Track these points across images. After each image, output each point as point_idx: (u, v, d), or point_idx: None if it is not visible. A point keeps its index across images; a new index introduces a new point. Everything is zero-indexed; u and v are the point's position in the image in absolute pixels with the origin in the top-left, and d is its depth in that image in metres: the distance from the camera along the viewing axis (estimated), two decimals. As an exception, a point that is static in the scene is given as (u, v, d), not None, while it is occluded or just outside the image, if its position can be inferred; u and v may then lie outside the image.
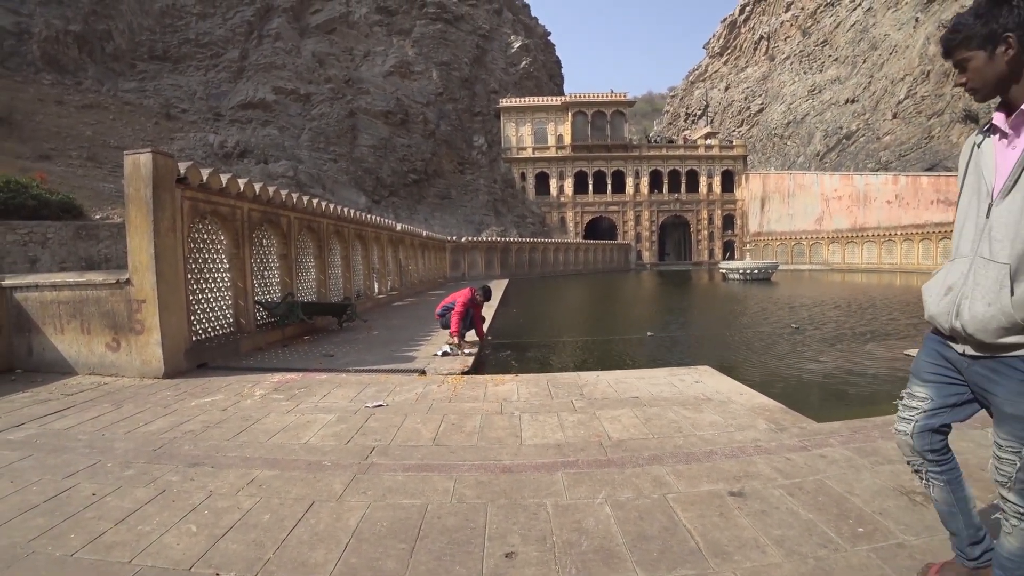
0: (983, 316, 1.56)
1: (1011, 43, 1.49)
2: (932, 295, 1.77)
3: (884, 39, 57.03)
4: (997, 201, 1.57)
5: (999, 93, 1.59)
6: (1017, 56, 1.50)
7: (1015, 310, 1.50)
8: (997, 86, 1.57)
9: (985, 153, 1.66)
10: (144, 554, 2.26)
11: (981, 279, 1.58)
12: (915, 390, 1.83)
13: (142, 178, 5.77)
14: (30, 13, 37.44)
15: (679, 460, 3.21)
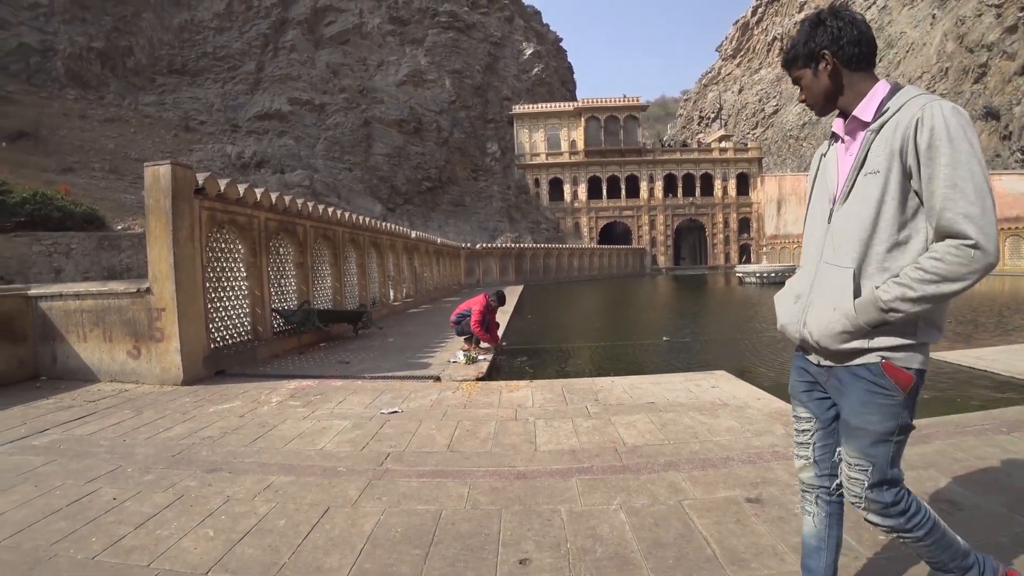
0: (828, 321, 1.55)
1: (827, 59, 1.59)
2: (782, 305, 1.76)
3: (900, 37, 56.33)
4: (837, 206, 1.59)
5: (832, 105, 1.66)
6: (836, 70, 1.59)
7: (857, 313, 1.48)
8: (827, 99, 1.64)
9: (829, 161, 1.70)
10: (163, 558, 2.30)
11: (826, 285, 1.58)
12: (798, 411, 1.78)
13: (162, 189, 5.88)
14: (55, 31, 38.51)
15: (695, 466, 3.17)
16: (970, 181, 1.37)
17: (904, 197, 1.47)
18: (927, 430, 3.66)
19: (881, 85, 1.58)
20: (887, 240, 1.48)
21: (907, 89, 1.54)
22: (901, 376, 1.47)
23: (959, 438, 3.47)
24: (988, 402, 5.03)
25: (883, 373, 1.49)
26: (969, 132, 1.41)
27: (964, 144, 1.39)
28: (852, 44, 1.58)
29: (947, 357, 7.18)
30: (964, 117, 1.42)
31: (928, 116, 1.42)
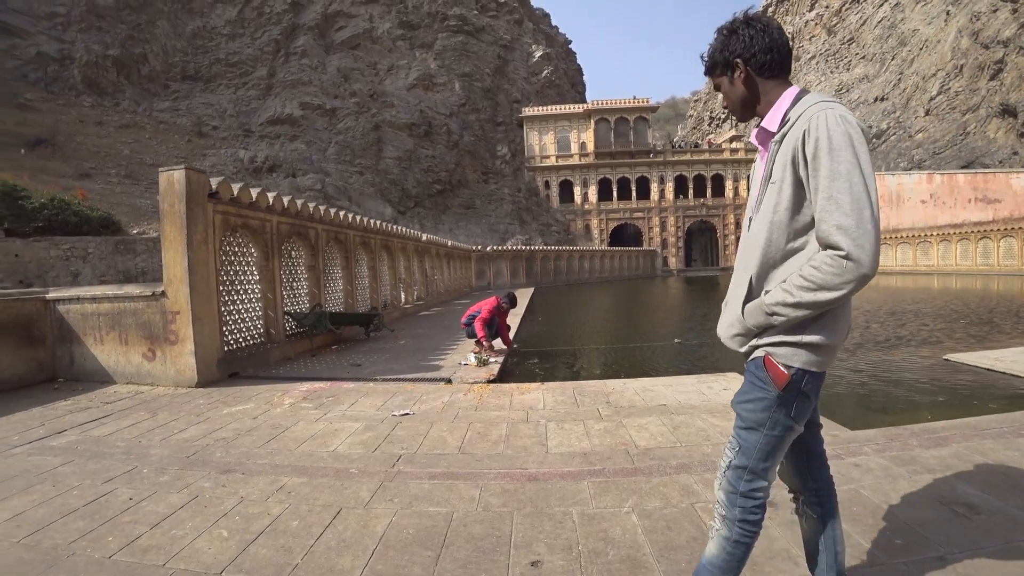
0: (727, 323, 1.65)
1: (740, 67, 1.62)
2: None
3: (913, 34, 55.64)
4: (752, 215, 1.63)
5: (750, 112, 1.69)
6: (749, 77, 1.62)
7: (745, 316, 1.56)
8: (745, 107, 1.68)
9: (754, 170, 1.74)
10: (177, 558, 2.32)
11: (736, 288, 1.64)
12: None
13: (176, 194, 5.96)
14: (72, 40, 39.18)
15: (708, 469, 3.15)
16: (847, 192, 1.37)
17: (798, 206, 1.49)
18: (944, 432, 3.61)
19: (788, 93, 1.60)
20: (782, 248, 1.52)
21: (808, 96, 1.54)
22: (778, 374, 1.51)
23: (976, 441, 3.43)
24: (1007, 405, 4.94)
25: (762, 367, 1.55)
26: (856, 141, 1.41)
27: (845, 154, 1.39)
28: (764, 52, 1.60)
29: (965, 359, 7.07)
30: (850, 125, 1.42)
31: (814, 126, 1.43)
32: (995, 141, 41.77)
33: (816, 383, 1.54)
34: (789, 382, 1.50)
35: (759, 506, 1.60)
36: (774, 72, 1.62)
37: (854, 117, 1.45)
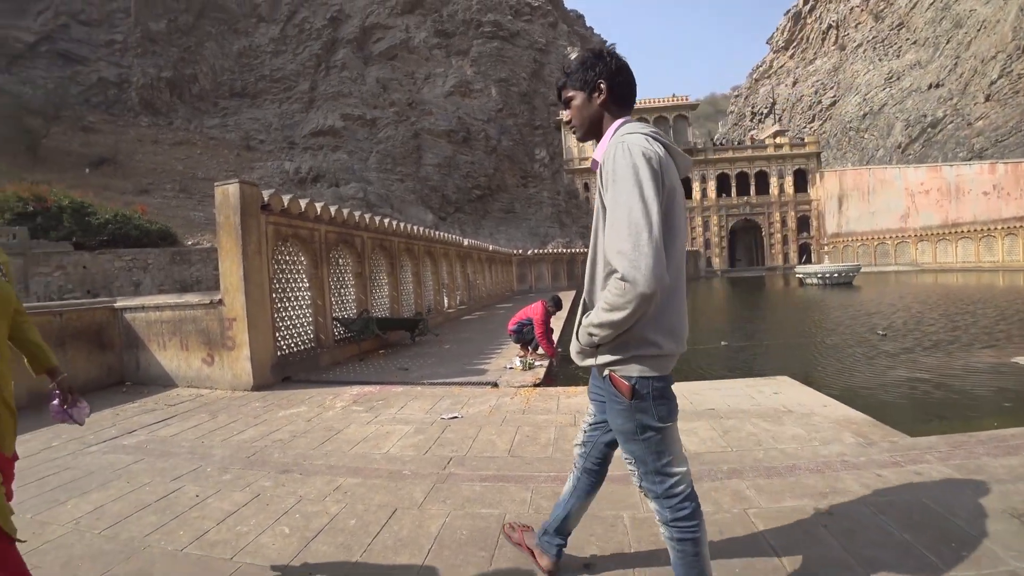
0: (572, 342, 1.78)
1: (602, 89, 1.74)
2: None
3: (970, 15, 52.78)
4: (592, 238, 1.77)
5: (592, 134, 1.81)
6: (605, 101, 1.75)
7: (578, 336, 1.72)
8: (591, 126, 1.80)
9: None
10: (243, 552, 2.44)
11: (578, 309, 1.81)
12: (589, 407, 2.05)
13: (231, 206, 6.25)
14: (129, 65, 41.53)
15: (759, 474, 3.08)
16: (625, 219, 1.48)
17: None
18: (1015, 441, 3.40)
19: (615, 124, 1.74)
20: (602, 271, 1.65)
21: (622, 128, 1.69)
22: (621, 385, 1.65)
23: None
24: None
25: (611, 383, 1.68)
26: (640, 171, 1.51)
27: (627, 184, 1.51)
28: (623, 85, 1.77)
29: None
30: (635, 155, 1.53)
31: (608, 158, 1.57)
32: (1065, 126, 39.18)
33: (662, 384, 1.66)
34: (633, 391, 1.63)
35: (683, 501, 1.69)
36: (623, 104, 1.79)
37: (651, 147, 1.58)
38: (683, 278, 1.69)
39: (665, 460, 1.68)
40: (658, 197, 1.51)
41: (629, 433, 1.69)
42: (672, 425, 1.70)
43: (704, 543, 1.72)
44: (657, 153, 1.57)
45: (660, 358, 1.63)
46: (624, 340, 1.62)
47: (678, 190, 1.65)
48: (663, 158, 1.59)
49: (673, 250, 1.59)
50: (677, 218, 1.62)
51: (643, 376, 1.62)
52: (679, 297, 1.67)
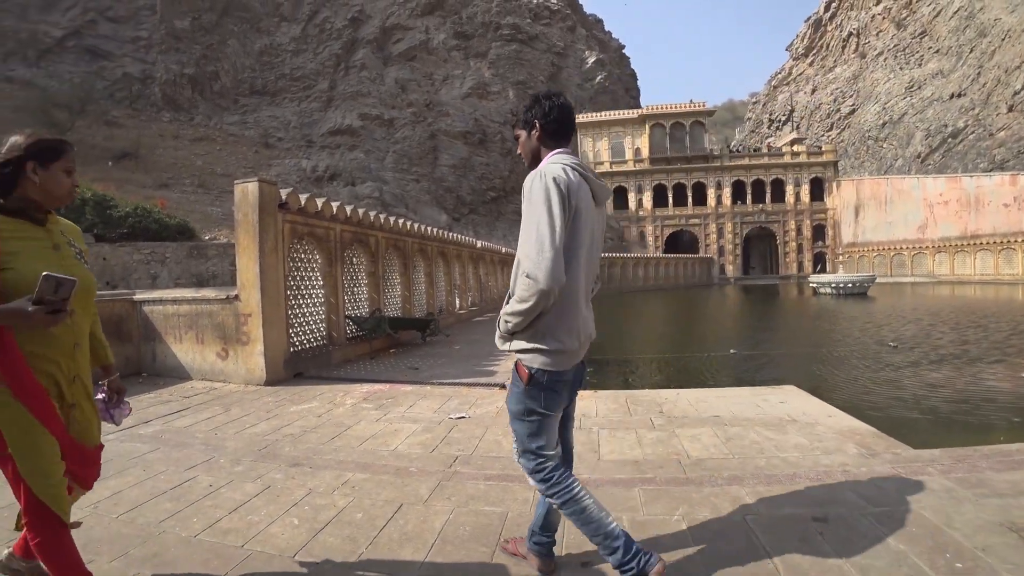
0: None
1: (537, 127, 2.13)
2: None
3: (994, 24, 51.93)
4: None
5: (535, 163, 2.16)
6: (541, 136, 2.14)
7: (498, 326, 2.06)
8: (534, 158, 2.18)
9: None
10: (254, 540, 2.54)
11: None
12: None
13: (249, 204, 6.39)
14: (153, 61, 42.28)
15: (760, 482, 3.11)
16: (535, 231, 1.86)
17: None
18: (1019, 456, 3.38)
19: (548, 155, 2.11)
20: (517, 271, 1.96)
21: (551, 158, 2.09)
22: (522, 372, 2.00)
23: None
24: None
25: (515, 369, 2.05)
26: (551, 195, 1.87)
27: (538, 207, 1.87)
28: (552, 121, 2.12)
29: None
30: (548, 181, 1.89)
31: (529, 181, 1.95)
32: (1091, 140, 38.42)
33: (555, 380, 1.99)
34: (531, 378, 1.98)
35: (549, 474, 2.03)
36: (556, 138, 2.15)
37: (563, 175, 1.92)
38: (587, 285, 2.10)
39: (539, 443, 2.04)
40: (563, 215, 1.87)
41: (517, 413, 2.05)
42: (554, 415, 2.06)
43: (583, 499, 2.00)
44: (567, 179, 1.93)
45: (560, 354, 1.97)
46: (533, 333, 1.96)
47: (584, 211, 1.98)
48: (573, 183, 1.94)
49: (576, 259, 1.96)
50: (581, 234, 1.97)
51: (542, 368, 1.97)
52: (582, 301, 2.05)
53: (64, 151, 1.79)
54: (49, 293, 1.52)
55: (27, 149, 1.70)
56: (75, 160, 1.85)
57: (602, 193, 2.12)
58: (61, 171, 1.77)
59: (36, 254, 1.70)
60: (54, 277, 1.52)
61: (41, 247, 1.74)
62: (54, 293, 1.53)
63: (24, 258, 1.66)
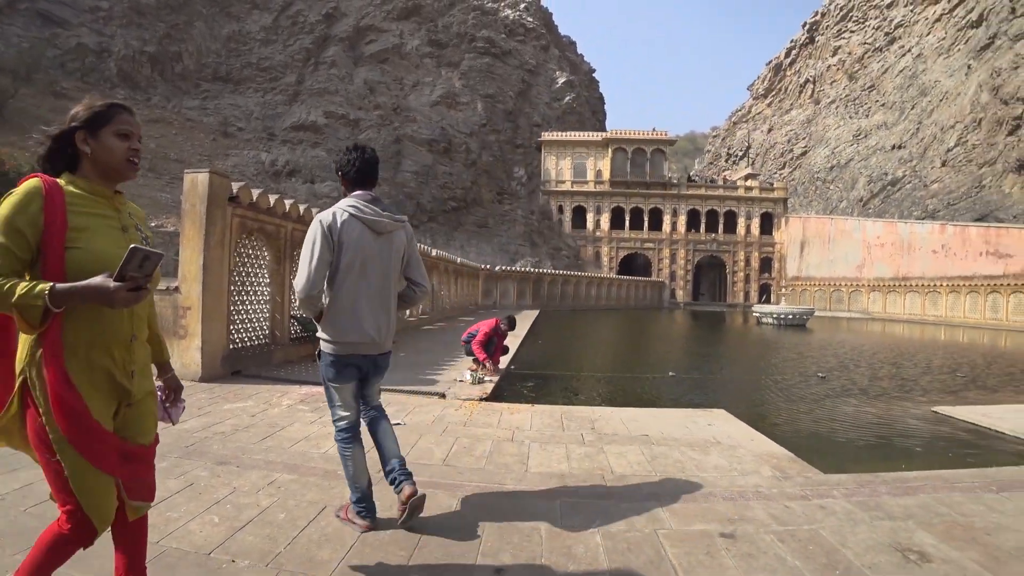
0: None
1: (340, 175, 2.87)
2: None
3: (934, 86, 56.10)
4: None
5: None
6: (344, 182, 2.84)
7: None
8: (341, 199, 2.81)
9: None
10: (170, 537, 2.52)
11: None
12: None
13: (198, 195, 6.26)
14: (111, 34, 40.46)
15: (676, 499, 3.27)
16: (302, 263, 2.58)
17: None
18: (915, 482, 3.68)
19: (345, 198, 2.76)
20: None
21: (340, 201, 2.72)
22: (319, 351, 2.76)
23: (945, 493, 3.48)
24: (984, 460, 4.99)
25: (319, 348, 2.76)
26: (316, 235, 2.56)
27: (307, 244, 2.59)
28: (355, 172, 2.75)
29: (954, 412, 7.11)
30: (315, 222, 2.60)
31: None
32: (1010, 196, 41.79)
33: (332, 358, 2.68)
34: (320, 355, 2.74)
35: (342, 429, 2.75)
36: (356, 185, 2.76)
37: (330, 217, 2.60)
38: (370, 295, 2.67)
39: (335, 405, 2.77)
40: (321, 247, 2.53)
41: (321, 379, 2.80)
42: (341, 386, 2.73)
43: (355, 456, 2.71)
44: (331, 221, 2.58)
45: (332, 343, 2.67)
46: (323, 325, 2.68)
47: (354, 242, 2.59)
48: (338, 223, 2.58)
49: (346, 278, 2.61)
50: (346, 259, 2.59)
51: (323, 350, 2.72)
52: (362, 306, 2.65)
53: (113, 113, 1.63)
54: (134, 268, 1.43)
55: (75, 119, 1.59)
56: (135, 124, 1.68)
57: (379, 227, 2.67)
58: (112, 135, 1.61)
59: (105, 233, 1.60)
60: (142, 250, 1.42)
61: (109, 226, 1.63)
62: (139, 268, 1.44)
63: (93, 236, 1.56)
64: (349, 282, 2.60)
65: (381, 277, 2.70)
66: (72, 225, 1.52)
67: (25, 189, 1.50)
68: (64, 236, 1.50)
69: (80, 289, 1.42)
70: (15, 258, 1.46)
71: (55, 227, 1.49)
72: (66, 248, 1.50)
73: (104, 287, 1.41)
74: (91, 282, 1.42)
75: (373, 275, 2.67)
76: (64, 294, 1.41)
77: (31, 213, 1.47)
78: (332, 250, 2.56)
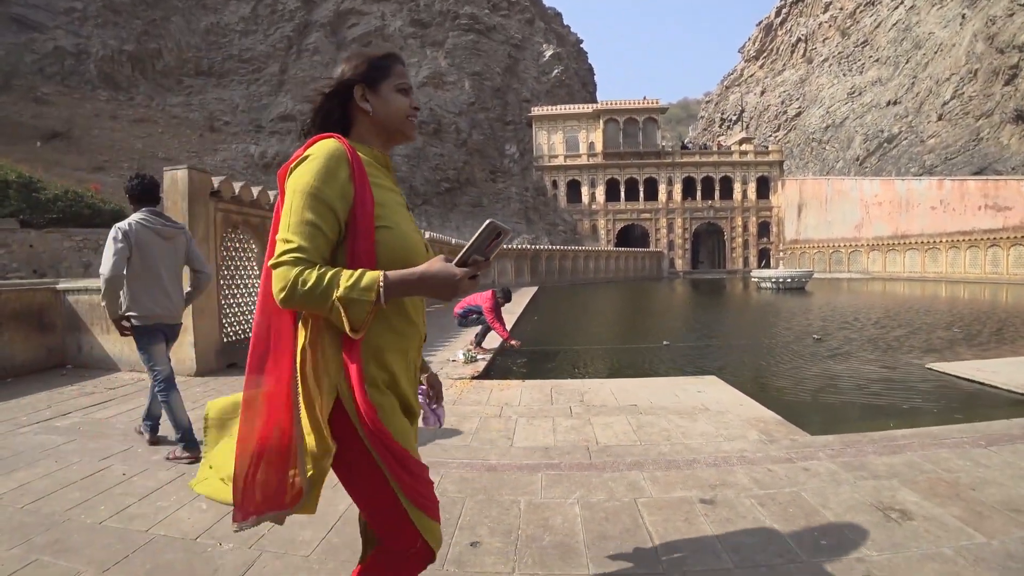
0: None
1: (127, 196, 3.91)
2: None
3: (928, 38, 55.14)
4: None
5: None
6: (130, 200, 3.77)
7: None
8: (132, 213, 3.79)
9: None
10: (160, 525, 2.61)
11: None
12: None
13: (179, 192, 6.25)
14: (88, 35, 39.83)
15: (659, 467, 3.31)
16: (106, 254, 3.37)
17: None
18: (902, 440, 3.67)
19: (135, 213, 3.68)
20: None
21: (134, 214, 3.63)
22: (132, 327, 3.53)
23: (932, 450, 3.46)
24: (974, 415, 4.92)
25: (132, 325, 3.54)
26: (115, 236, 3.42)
27: (109, 242, 3.40)
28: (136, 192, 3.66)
29: (948, 368, 7.06)
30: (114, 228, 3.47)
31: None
32: (1008, 147, 41.37)
33: (141, 327, 3.51)
34: (131, 326, 3.50)
35: (160, 381, 3.59)
36: (141, 202, 3.62)
37: (125, 226, 3.47)
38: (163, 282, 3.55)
39: (151, 363, 3.58)
40: (122, 245, 3.38)
41: (139, 349, 3.59)
42: (152, 347, 3.56)
43: (173, 401, 3.56)
44: (127, 228, 3.45)
45: (139, 316, 3.48)
46: (130, 308, 3.47)
47: (145, 245, 3.47)
48: (132, 230, 3.45)
49: (144, 271, 3.48)
50: (143, 257, 3.46)
51: (135, 325, 3.50)
52: (155, 290, 3.51)
53: (393, 64, 1.38)
54: (479, 250, 1.19)
55: (353, 71, 1.33)
56: (409, 77, 1.42)
57: (164, 233, 3.59)
58: (393, 90, 1.36)
59: (398, 210, 1.33)
60: (498, 225, 1.17)
61: (398, 202, 1.36)
62: (482, 250, 1.19)
63: (392, 213, 1.29)
64: (142, 273, 3.47)
65: (168, 269, 3.60)
66: (378, 199, 1.25)
67: (328, 152, 1.21)
68: (373, 212, 1.23)
69: (419, 278, 1.16)
70: (326, 241, 1.18)
71: (365, 201, 1.21)
72: (376, 227, 1.23)
73: (451, 274, 1.16)
74: (432, 268, 1.17)
75: (162, 268, 3.55)
76: (397, 285, 1.15)
77: (341, 182, 1.19)
78: (129, 248, 3.39)
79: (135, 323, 3.47)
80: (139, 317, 3.47)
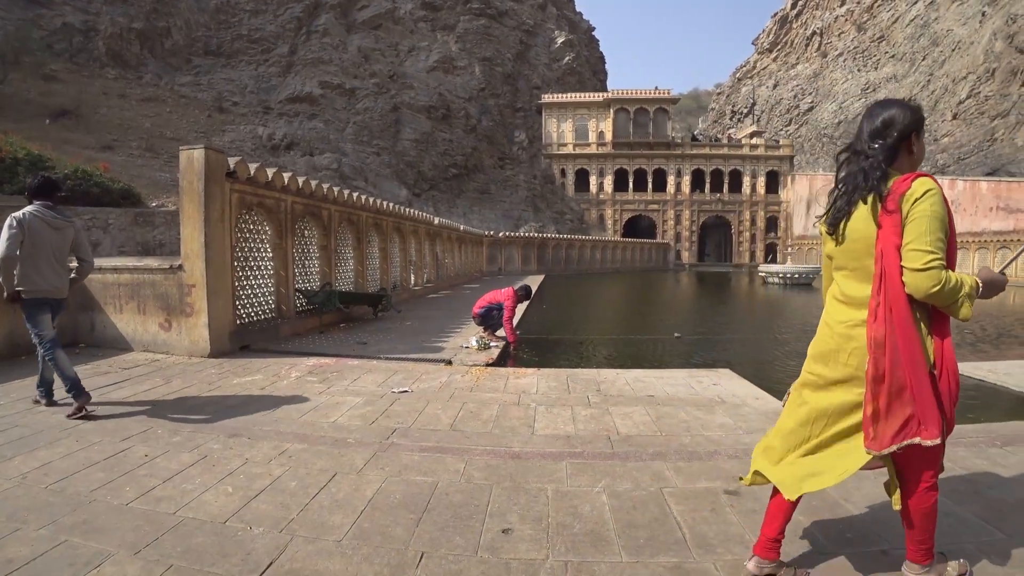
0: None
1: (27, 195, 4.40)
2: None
3: (947, 35, 54.23)
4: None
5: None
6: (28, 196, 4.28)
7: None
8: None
9: None
10: (187, 508, 2.59)
11: None
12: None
13: (195, 172, 6.21)
14: (97, 12, 39.54)
15: (682, 458, 3.31)
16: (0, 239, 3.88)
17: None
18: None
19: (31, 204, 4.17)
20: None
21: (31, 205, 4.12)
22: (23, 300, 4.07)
23: (950, 449, 3.40)
24: (989, 416, 4.93)
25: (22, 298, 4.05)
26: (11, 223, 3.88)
27: (4, 229, 3.90)
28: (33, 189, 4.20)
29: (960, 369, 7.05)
30: (11, 218, 3.89)
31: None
32: (1023, 149, 40.85)
33: (29, 300, 4.01)
34: (22, 303, 4.03)
35: (46, 343, 4.05)
36: (37, 196, 4.14)
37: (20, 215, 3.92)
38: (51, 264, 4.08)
39: (37, 329, 4.06)
40: (16, 231, 3.87)
41: (26, 320, 4.08)
42: (38, 316, 4.04)
43: (59, 357, 4.03)
44: (21, 218, 3.91)
45: (28, 291, 3.98)
46: (20, 283, 3.94)
47: (36, 233, 3.96)
48: (26, 219, 3.92)
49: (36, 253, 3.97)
50: (34, 243, 3.94)
51: (24, 297, 3.99)
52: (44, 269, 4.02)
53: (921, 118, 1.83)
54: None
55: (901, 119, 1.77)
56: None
57: (54, 224, 4.10)
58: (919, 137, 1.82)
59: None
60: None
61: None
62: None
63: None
64: (34, 254, 4.00)
65: (55, 252, 4.14)
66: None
67: (939, 188, 1.68)
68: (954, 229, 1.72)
69: (987, 284, 1.71)
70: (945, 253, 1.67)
71: (951, 223, 1.72)
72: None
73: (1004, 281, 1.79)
74: (995, 278, 1.74)
75: (50, 252, 4.09)
76: (983, 288, 1.71)
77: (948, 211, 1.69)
78: (23, 234, 3.91)
79: (24, 296, 4.00)
80: (28, 292, 4.00)
